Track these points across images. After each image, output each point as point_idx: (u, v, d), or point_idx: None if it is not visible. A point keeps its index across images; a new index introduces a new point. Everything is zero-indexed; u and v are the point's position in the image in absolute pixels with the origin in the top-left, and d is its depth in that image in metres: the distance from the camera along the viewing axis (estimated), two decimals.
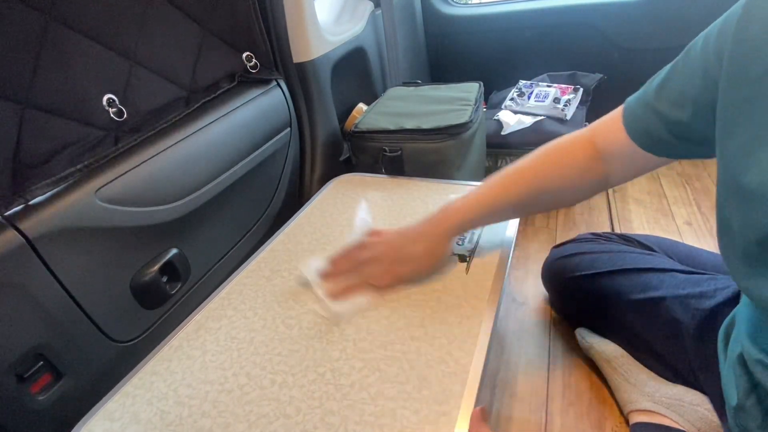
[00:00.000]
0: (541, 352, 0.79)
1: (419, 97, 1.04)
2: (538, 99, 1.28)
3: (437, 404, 0.43)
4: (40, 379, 0.51)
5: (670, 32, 1.34)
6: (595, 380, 0.73)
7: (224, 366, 0.50)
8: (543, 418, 0.69)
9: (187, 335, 0.55)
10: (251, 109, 0.78)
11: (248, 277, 0.63)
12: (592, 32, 1.42)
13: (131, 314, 0.62)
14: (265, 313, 0.56)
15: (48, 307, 0.51)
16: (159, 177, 0.62)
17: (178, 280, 0.68)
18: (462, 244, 0.64)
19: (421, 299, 0.55)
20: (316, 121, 0.95)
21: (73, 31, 0.56)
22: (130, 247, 0.60)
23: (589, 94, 1.32)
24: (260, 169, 0.82)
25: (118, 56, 0.61)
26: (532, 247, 1.06)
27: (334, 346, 0.50)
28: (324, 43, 0.94)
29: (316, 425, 0.42)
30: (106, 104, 0.60)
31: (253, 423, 0.43)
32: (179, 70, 0.70)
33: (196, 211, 0.68)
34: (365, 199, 0.78)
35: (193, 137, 0.67)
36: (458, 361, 0.47)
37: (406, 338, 0.50)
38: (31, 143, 0.53)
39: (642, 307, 0.65)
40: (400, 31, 1.34)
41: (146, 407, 0.46)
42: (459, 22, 1.58)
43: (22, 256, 0.48)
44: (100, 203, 0.55)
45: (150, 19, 0.65)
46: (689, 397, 0.60)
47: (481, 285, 0.56)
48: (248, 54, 0.82)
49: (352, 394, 0.45)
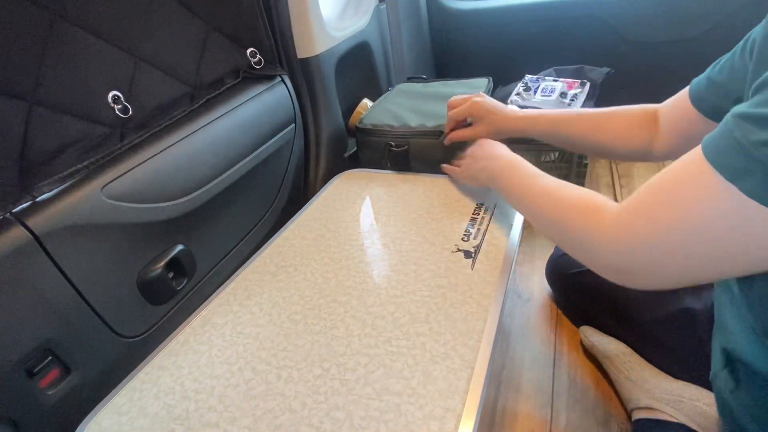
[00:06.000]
0: (547, 349, 0.79)
1: (427, 94, 1.03)
2: (545, 94, 1.27)
3: (442, 400, 0.43)
4: (49, 374, 0.51)
5: (678, 25, 1.32)
6: (600, 377, 0.73)
7: (230, 361, 0.50)
8: (548, 415, 0.69)
9: (194, 330, 0.55)
10: (256, 106, 0.78)
11: (254, 272, 0.63)
12: (599, 25, 1.41)
13: (138, 310, 0.62)
14: (271, 308, 0.57)
15: (56, 302, 0.51)
16: (164, 173, 0.62)
17: (184, 276, 0.68)
18: (467, 240, 0.64)
19: (426, 295, 0.55)
20: (320, 116, 0.95)
21: (78, 28, 0.56)
22: (137, 244, 0.60)
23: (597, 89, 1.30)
24: (265, 165, 0.82)
25: (123, 53, 0.61)
26: (537, 244, 1.05)
27: (339, 342, 0.50)
28: (328, 38, 0.94)
29: (321, 420, 0.42)
30: (112, 101, 0.60)
31: (259, 417, 0.43)
32: (184, 67, 0.71)
33: (202, 207, 0.68)
34: (370, 195, 0.78)
35: (198, 133, 0.68)
36: (463, 357, 0.47)
37: (411, 334, 0.50)
38: (37, 140, 0.53)
39: (651, 299, 0.65)
40: (405, 25, 1.33)
41: (153, 401, 0.47)
42: (464, 16, 1.56)
43: (29, 252, 0.48)
44: (107, 200, 0.55)
45: (154, 16, 0.65)
46: (689, 392, 0.60)
47: (486, 281, 0.56)
48: (252, 50, 0.81)
49: (358, 389, 0.45)
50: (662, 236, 0.34)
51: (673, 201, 0.33)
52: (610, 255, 0.39)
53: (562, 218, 0.45)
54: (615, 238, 0.38)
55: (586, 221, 0.41)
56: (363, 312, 0.54)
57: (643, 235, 0.35)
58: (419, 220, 0.69)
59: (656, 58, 1.38)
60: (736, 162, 0.29)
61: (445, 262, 0.60)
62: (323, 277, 0.61)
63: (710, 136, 0.32)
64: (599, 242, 0.39)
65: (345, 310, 0.55)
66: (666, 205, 0.34)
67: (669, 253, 0.34)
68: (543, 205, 0.50)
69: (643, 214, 0.36)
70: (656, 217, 0.34)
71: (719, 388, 0.46)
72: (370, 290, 0.57)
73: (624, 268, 0.38)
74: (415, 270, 0.59)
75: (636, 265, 0.37)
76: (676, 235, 0.33)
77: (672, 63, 1.37)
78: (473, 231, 0.65)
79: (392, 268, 0.60)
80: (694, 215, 0.32)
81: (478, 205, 0.71)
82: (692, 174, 0.32)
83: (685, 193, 0.32)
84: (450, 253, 0.61)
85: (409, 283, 0.57)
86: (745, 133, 0.29)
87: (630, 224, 0.37)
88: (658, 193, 0.35)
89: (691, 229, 0.32)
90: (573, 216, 0.43)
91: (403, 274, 0.59)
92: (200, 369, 0.50)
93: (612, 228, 0.38)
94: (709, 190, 0.30)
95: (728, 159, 0.29)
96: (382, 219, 0.71)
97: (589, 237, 0.41)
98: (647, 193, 0.36)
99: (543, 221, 0.50)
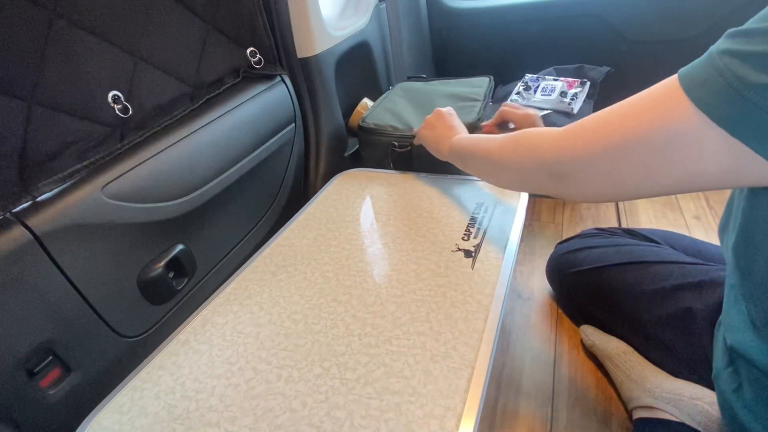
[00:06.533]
0: (547, 348, 0.79)
1: (428, 93, 1.03)
2: (545, 93, 1.27)
3: (443, 399, 0.43)
4: (50, 374, 0.52)
5: (678, 24, 1.32)
6: (601, 376, 0.73)
7: (231, 360, 0.50)
8: (549, 414, 0.69)
9: (194, 330, 0.55)
10: (256, 105, 0.78)
11: (254, 272, 0.63)
12: (599, 24, 1.41)
13: (138, 310, 0.62)
14: (271, 308, 0.57)
15: (56, 302, 0.51)
16: (165, 173, 0.62)
17: (184, 275, 0.68)
18: (468, 239, 0.64)
19: (426, 294, 0.55)
20: (320, 116, 0.95)
21: (77, 28, 0.56)
22: (137, 243, 0.60)
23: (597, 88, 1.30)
24: (265, 165, 0.82)
25: (123, 53, 0.61)
26: (538, 243, 1.05)
27: (339, 341, 0.50)
28: (328, 37, 0.93)
29: (322, 419, 0.42)
30: (112, 101, 0.60)
31: (260, 417, 0.43)
32: (183, 66, 0.71)
33: (202, 207, 0.68)
34: (370, 194, 0.78)
35: (198, 133, 0.68)
36: (463, 357, 0.47)
37: (411, 333, 0.50)
38: (37, 140, 0.53)
39: (652, 298, 0.65)
40: (405, 24, 1.33)
41: (154, 401, 0.47)
42: (464, 15, 1.56)
43: (30, 252, 0.48)
44: (107, 200, 0.55)
45: (154, 15, 0.65)
46: (690, 391, 0.60)
47: (486, 280, 0.56)
48: (252, 49, 0.81)
49: (358, 389, 0.45)
50: (612, 153, 0.34)
51: (631, 113, 0.33)
52: (559, 159, 0.39)
53: (513, 146, 0.48)
54: (560, 137, 0.39)
55: (534, 139, 0.43)
56: (363, 311, 0.54)
57: (595, 149, 0.36)
58: (419, 220, 0.69)
59: (656, 58, 1.38)
60: (718, 99, 0.27)
61: (446, 261, 0.60)
62: (323, 276, 0.61)
63: (687, 68, 0.31)
64: (546, 151, 0.41)
65: (345, 310, 0.55)
66: (623, 117, 0.34)
67: (609, 157, 0.35)
68: (496, 148, 0.52)
69: (590, 123, 0.37)
70: (610, 135, 0.35)
71: (721, 387, 0.46)
72: (371, 289, 0.57)
73: (562, 172, 0.39)
74: (416, 269, 0.59)
75: (580, 174, 0.38)
76: (620, 142, 0.33)
77: (672, 62, 1.36)
78: (473, 230, 0.65)
79: (392, 268, 0.60)
80: (651, 135, 0.31)
81: (478, 204, 0.71)
82: (662, 94, 0.31)
83: (651, 111, 0.32)
84: (450, 253, 0.61)
85: (410, 283, 0.57)
86: (728, 65, 0.27)
87: (577, 129, 0.38)
88: (617, 109, 0.35)
89: (644, 149, 0.32)
90: (522, 140, 0.46)
91: (404, 273, 0.59)
92: (201, 368, 0.50)
93: (561, 138, 0.39)
94: (672, 112, 0.30)
95: (708, 94, 0.28)
96: (382, 218, 0.71)
97: (533, 151, 0.43)
98: (609, 110, 0.36)
99: (495, 160, 0.52)
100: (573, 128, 0.39)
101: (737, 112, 0.26)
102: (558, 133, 0.40)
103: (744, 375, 0.42)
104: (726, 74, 0.26)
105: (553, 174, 0.41)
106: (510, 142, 0.49)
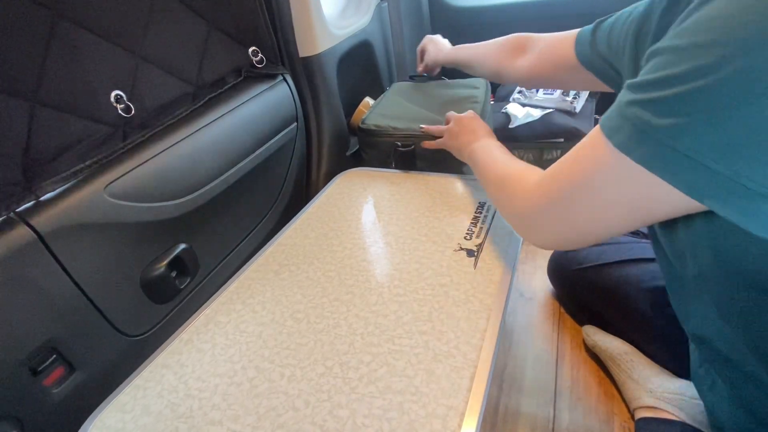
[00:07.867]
0: (549, 347, 0.79)
1: (426, 95, 1.03)
2: (547, 91, 1.27)
3: (445, 398, 0.43)
4: (54, 373, 0.52)
5: None
6: (603, 375, 0.73)
7: (233, 359, 0.50)
8: (551, 414, 0.69)
9: (197, 329, 0.55)
10: (257, 105, 0.78)
11: (256, 271, 0.63)
12: None
13: (141, 309, 0.62)
14: (274, 307, 0.57)
15: (59, 301, 0.51)
16: (167, 172, 0.63)
17: (187, 275, 0.68)
18: (470, 238, 0.64)
19: (428, 294, 0.55)
20: (322, 115, 0.95)
21: (80, 28, 0.56)
22: (140, 243, 0.60)
23: None
24: (267, 164, 0.82)
25: (125, 52, 0.61)
26: None
27: (342, 340, 0.50)
28: (330, 36, 0.93)
29: (324, 418, 0.42)
30: (114, 101, 0.60)
31: (263, 416, 0.44)
32: (186, 66, 0.71)
33: (204, 206, 0.69)
34: (372, 193, 0.78)
35: (200, 133, 0.68)
36: (466, 356, 0.47)
37: (414, 332, 0.50)
38: (40, 140, 0.53)
39: (654, 295, 0.65)
40: (407, 23, 1.33)
41: (157, 400, 0.47)
42: (466, 14, 1.56)
43: (33, 251, 0.48)
44: (110, 199, 0.55)
45: (156, 15, 0.65)
46: (691, 391, 0.60)
47: (489, 280, 0.56)
48: (254, 49, 0.81)
49: (360, 388, 0.45)
50: (564, 199, 0.39)
51: (575, 169, 0.37)
52: (527, 210, 0.44)
53: (502, 185, 0.52)
54: (530, 196, 0.44)
55: (515, 185, 0.48)
56: (366, 310, 0.54)
57: (552, 199, 0.40)
58: (421, 219, 0.69)
59: None
60: (632, 142, 0.31)
61: (448, 260, 0.60)
62: (326, 275, 0.61)
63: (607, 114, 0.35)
64: (519, 201, 0.46)
65: (348, 309, 0.55)
66: (569, 173, 0.38)
67: (571, 209, 0.39)
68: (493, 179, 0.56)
69: (555, 180, 0.41)
70: (561, 185, 0.39)
71: (699, 387, 0.47)
72: (373, 289, 0.57)
73: (535, 225, 0.44)
74: (418, 269, 0.59)
75: (544, 222, 0.42)
76: (575, 196, 0.38)
77: None
78: (475, 230, 0.65)
79: (395, 267, 0.60)
80: (589, 180, 0.36)
81: (480, 203, 0.71)
82: (593, 142, 0.36)
83: (587, 158, 0.36)
84: (452, 252, 0.61)
85: (412, 282, 0.57)
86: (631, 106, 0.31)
87: (546, 187, 0.42)
88: (563, 162, 0.40)
89: (587, 192, 0.36)
90: (509, 182, 0.50)
91: (406, 272, 0.59)
92: (203, 367, 0.50)
93: (530, 191, 0.44)
94: (601, 157, 0.34)
95: (624, 138, 0.31)
96: (384, 218, 0.71)
97: (512, 199, 0.48)
98: (559, 163, 0.41)
99: (491, 193, 0.57)
100: (540, 180, 0.43)
101: (649, 151, 0.30)
102: (531, 184, 0.45)
103: (715, 372, 0.43)
104: (634, 121, 0.30)
105: (522, 222, 0.46)
106: (501, 181, 0.53)
